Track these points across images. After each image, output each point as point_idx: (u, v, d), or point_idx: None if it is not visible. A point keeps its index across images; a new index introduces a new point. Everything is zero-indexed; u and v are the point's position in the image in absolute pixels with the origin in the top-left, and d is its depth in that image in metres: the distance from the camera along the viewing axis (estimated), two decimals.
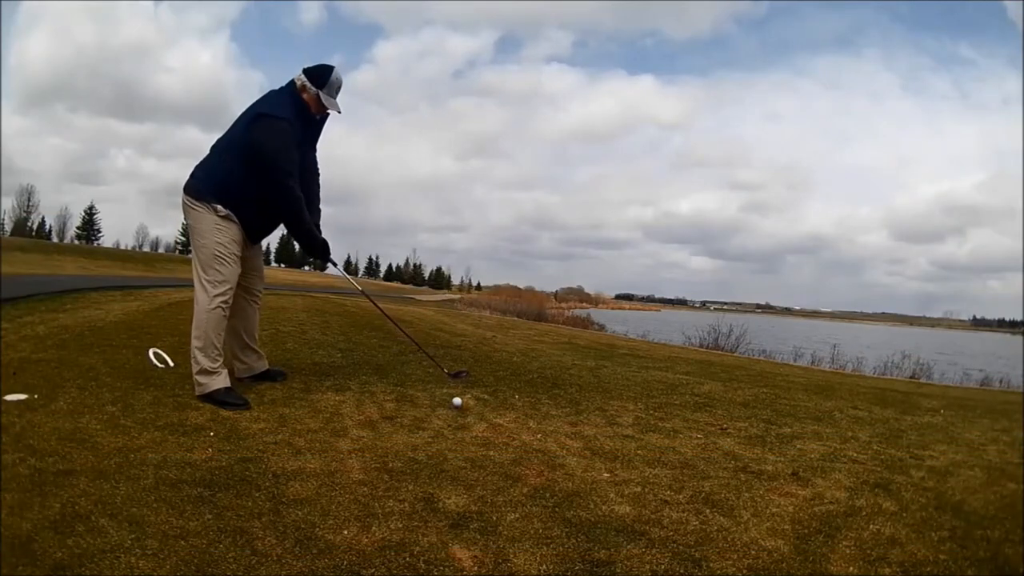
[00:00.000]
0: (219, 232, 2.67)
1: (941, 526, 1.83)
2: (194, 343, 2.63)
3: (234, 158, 2.66)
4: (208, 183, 2.69)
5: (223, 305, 2.68)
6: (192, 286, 2.73)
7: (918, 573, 1.56)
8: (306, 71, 2.74)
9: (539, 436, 2.52)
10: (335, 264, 3.10)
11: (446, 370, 2.87)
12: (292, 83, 2.76)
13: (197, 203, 2.68)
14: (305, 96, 2.73)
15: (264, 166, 2.62)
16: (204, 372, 2.61)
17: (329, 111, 2.83)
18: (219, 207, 2.66)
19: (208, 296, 2.65)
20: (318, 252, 2.90)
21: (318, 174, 3.03)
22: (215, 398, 2.58)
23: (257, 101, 2.76)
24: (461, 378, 2.79)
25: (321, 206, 3.03)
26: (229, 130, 2.74)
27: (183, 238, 64.41)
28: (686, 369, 5.30)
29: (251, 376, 3.00)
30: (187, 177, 2.75)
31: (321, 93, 2.73)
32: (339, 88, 2.80)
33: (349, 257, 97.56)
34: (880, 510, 1.93)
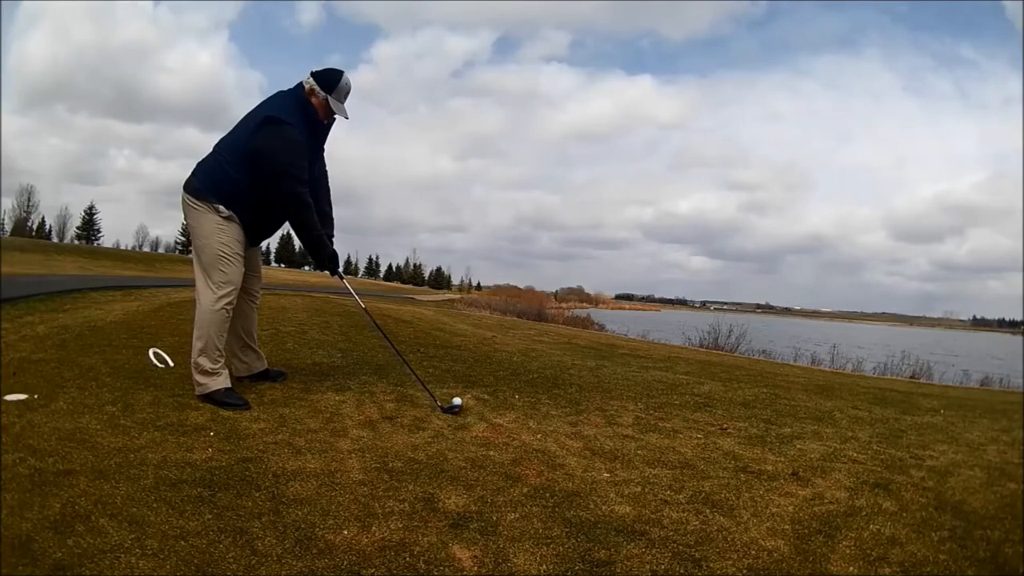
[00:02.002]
0: (222, 233, 2.64)
1: (941, 526, 1.83)
2: (195, 343, 2.62)
3: (238, 160, 2.63)
4: (209, 183, 2.66)
5: (227, 307, 2.66)
6: (194, 286, 2.72)
7: (918, 573, 1.56)
8: (315, 75, 2.69)
9: (539, 436, 2.52)
10: (342, 277, 3.01)
11: (439, 403, 2.86)
12: (300, 86, 2.71)
13: (198, 202, 2.65)
14: (313, 100, 2.69)
15: (272, 172, 2.58)
16: (204, 372, 2.60)
17: (336, 116, 2.78)
18: (221, 207, 2.63)
19: (213, 297, 2.62)
20: (325, 262, 2.84)
21: (327, 179, 2.98)
22: (215, 398, 2.57)
23: (264, 103, 2.72)
24: (454, 413, 2.75)
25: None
26: (234, 130, 2.70)
27: (183, 238, 64.37)
28: (686, 369, 5.30)
29: (251, 376, 3.00)
30: (187, 176, 2.72)
31: (330, 98, 2.68)
32: (347, 93, 2.75)
33: (349, 257, 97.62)
34: (880, 510, 1.93)
